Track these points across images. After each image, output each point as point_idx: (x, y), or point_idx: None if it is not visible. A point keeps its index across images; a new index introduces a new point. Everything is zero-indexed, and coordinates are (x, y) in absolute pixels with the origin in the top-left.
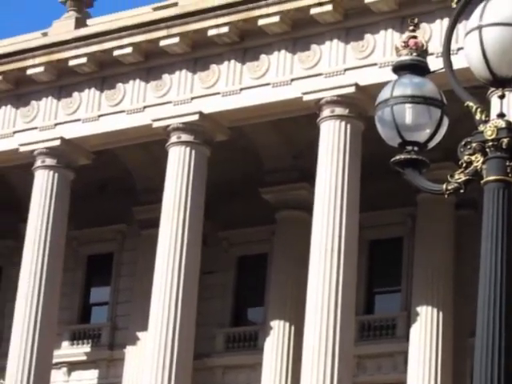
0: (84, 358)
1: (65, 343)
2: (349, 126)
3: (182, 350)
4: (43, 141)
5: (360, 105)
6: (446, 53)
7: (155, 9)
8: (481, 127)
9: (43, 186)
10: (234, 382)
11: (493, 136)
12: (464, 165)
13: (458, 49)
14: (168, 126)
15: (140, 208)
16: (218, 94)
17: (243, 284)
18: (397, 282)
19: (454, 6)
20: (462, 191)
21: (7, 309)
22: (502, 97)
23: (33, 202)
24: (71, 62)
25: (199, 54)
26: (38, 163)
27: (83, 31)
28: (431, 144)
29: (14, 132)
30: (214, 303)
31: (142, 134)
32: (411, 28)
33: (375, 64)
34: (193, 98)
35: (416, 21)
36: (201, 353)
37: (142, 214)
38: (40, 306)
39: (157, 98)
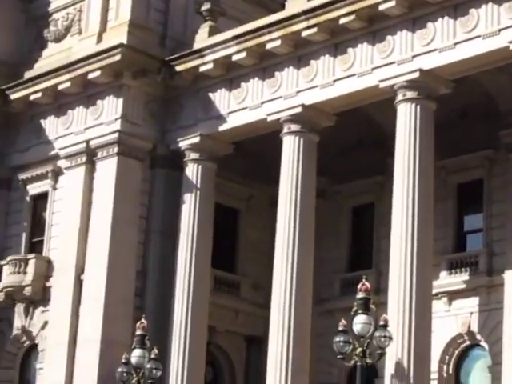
0: (463, 286)
1: (442, 273)
2: None
3: None
4: (403, 74)
5: None
6: None
7: None
8: None
9: (407, 120)
10: None
11: None
12: None
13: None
14: None
15: (506, 131)
16: None
17: None
18: None
19: None
20: None
21: (383, 245)
22: None
23: (398, 136)
24: None
25: None
26: (400, 97)
27: None
28: None
29: (373, 68)
30: None
31: (498, 57)
32: None
33: None
34: None
35: None
36: None
37: (509, 137)
38: (415, 238)
39: (510, 19)
